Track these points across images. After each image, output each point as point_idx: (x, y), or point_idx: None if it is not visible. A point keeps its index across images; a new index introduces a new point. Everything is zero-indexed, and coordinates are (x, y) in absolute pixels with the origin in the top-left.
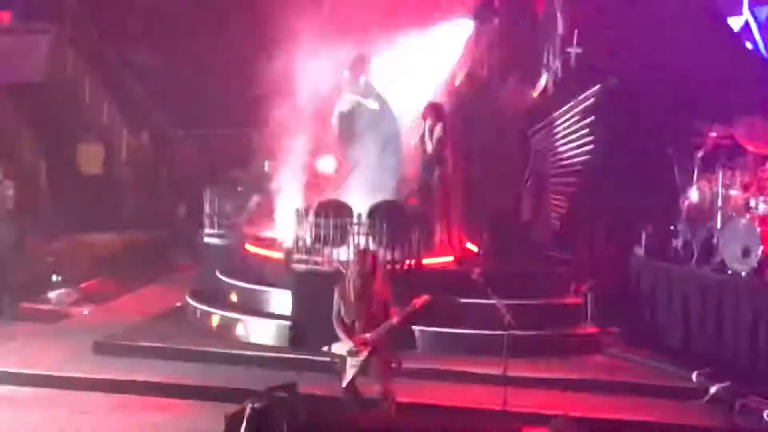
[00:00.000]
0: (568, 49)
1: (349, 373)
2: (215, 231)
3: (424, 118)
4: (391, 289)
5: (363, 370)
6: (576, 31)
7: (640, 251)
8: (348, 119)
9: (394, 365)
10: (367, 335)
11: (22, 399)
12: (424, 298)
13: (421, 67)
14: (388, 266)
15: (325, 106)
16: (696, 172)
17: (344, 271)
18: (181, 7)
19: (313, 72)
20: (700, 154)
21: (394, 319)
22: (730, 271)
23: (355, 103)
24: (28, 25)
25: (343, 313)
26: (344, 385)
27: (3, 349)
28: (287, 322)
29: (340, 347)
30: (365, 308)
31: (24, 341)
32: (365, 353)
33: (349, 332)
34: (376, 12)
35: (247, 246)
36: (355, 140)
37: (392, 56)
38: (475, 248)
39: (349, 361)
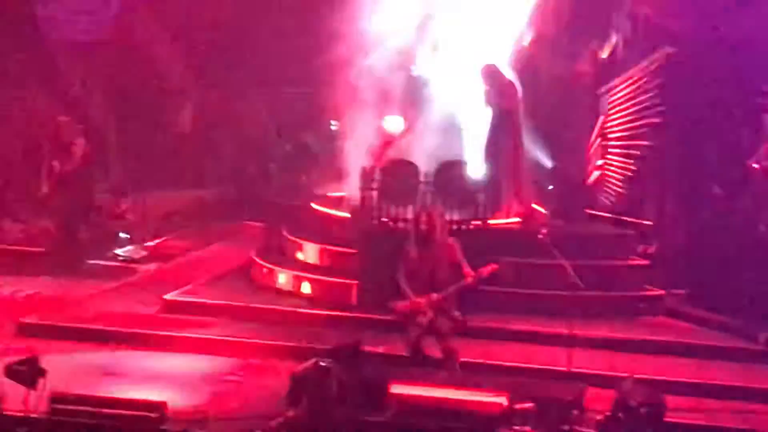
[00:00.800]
0: (637, 11)
1: (413, 332)
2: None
3: (483, 79)
4: (460, 248)
5: (427, 329)
6: None
7: (706, 212)
8: (415, 81)
9: (458, 324)
10: (433, 295)
11: (87, 353)
12: (492, 266)
13: (488, 28)
14: (454, 226)
15: (392, 66)
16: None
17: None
18: None
19: (379, 31)
20: None
21: (468, 279)
22: None
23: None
24: None
25: (407, 273)
26: (408, 343)
27: (74, 306)
28: (353, 281)
29: (403, 305)
30: (427, 267)
31: (92, 298)
32: (429, 313)
33: (413, 291)
34: None
35: (314, 205)
36: (422, 101)
37: (459, 17)
38: (542, 209)
39: (413, 320)
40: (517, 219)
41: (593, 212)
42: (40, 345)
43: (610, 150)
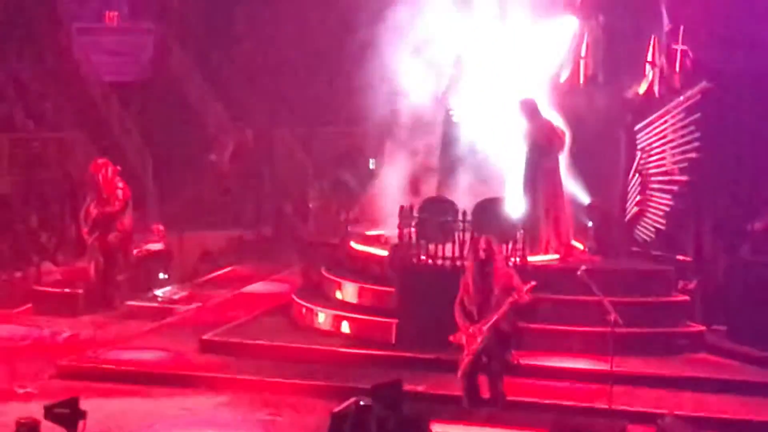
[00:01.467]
0: (674, 46)
1: (465, 362)
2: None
3: (521, 114)
4: (516, 276)
5: (477, 362)
6: (681, 27)
7: (746, 248)
8: (451, 119)
9: (511, 366)
10: (483, 322)
11: (126, 396)
12: (531, 284)
13: (526, 64)
14: None
15: (431, 106)
16: None
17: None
18: (285, 4)
19: (415, 71)
20: None
21: (514, 296)
22: None
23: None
24: (135, 25)
25: (466, 302)
26: (459, 374)
27: (113, 348)
28: (393, 320)
29: (458, 336)
30: (484, 296)
31: (131, 339)
32: (480, 340)
33: (469, 319)
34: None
35: (352, 243)
36: (459, 139)
37: (497, 54)
38: (580, 246)
39: (466, 350)
40: (555, 256)
41: (632, 248)
42: (80, 386)
43: (648, 186)
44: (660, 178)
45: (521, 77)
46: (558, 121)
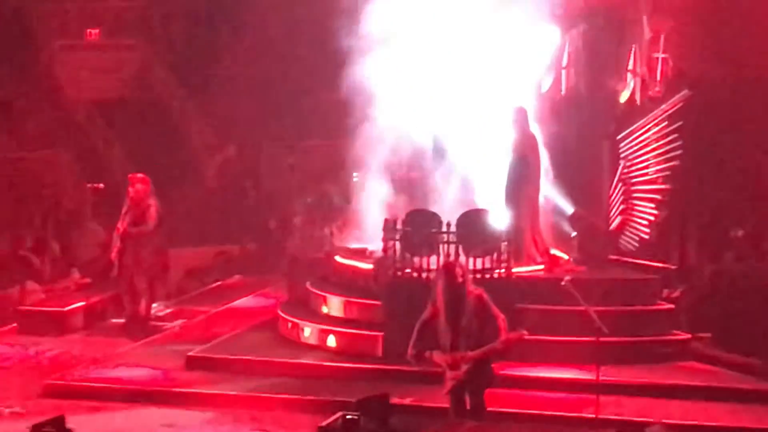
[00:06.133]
0: (655, 54)
1: (449, 384)
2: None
3: (511, 122)
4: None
5: (461, 384)
6: (662, 36)
7: (730, 255)
8: (436, 131)
9: (492, 383)
10: (469, 354)
11: (113, 413)
12: (520, 334)
13: (508, 74)
14: (478, 276)
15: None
16: None
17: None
18: (267, 20)
19: (400, 82)
20: None
21: (498, 346)
22: None
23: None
24: (117, 42)
25: (435, 327)
26: (445, 392)
27: (99, 365)
28: (379, 333)
29: (441, 356)
30: (458, 320)
31: (117, 356)
32: (464, 368)
33: (441, 349)
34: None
35: (337, 257)
36: (445, 151)
37: (479, 63)
38: (565, 256)
39: (448, 373)
40: (540, 266)
41: (616, 258)
42: (67, 405)
43: (631, 195)
44: (643, 186)
45: (504, 88)
46: (538, 134)
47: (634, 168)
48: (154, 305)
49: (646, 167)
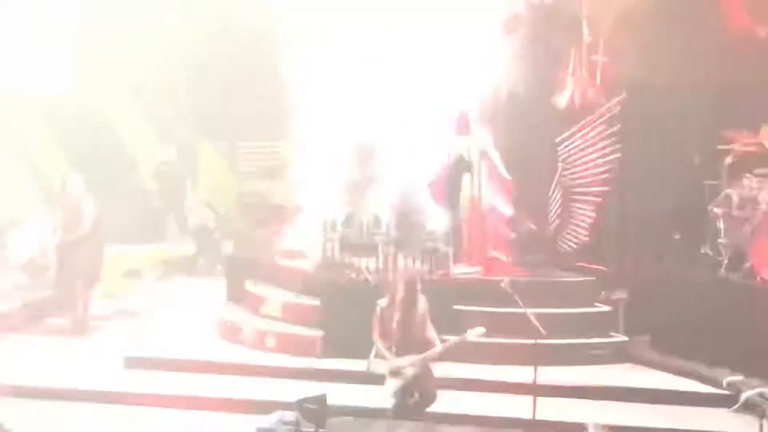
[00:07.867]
0: (594, 58)
1: (391, 386)
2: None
3: (454, 126)
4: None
5: (403, 386)
6: (602, 39)
7: (670, 258)
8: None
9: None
10: (414, 358)
11: (49, 413)
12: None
13: (450, 77)
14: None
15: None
16: (725, 180)
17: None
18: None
19: (337, 80)
20: (728, 161)
21: (437, 350)
22: (759, 278)
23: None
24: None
25: (387, 333)
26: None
27: (31, 364)
28: (317, 333)
29: (379, 365)
30: (408, 330)
31: (53, 355)
32: (410, 372)
33: (391, 351)
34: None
35: (276, 258)
36: (381, 152)
37: (419, 66)
38: (503, 257)
39: (390, 381)
40: (478, 268)
41: (555, 260)
42: (2, 405)
43: (570, 197)
44: (582, 189)
45: (443, 92)
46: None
47: (572, 170)
48: (91, 304)
49: (585, 170)
